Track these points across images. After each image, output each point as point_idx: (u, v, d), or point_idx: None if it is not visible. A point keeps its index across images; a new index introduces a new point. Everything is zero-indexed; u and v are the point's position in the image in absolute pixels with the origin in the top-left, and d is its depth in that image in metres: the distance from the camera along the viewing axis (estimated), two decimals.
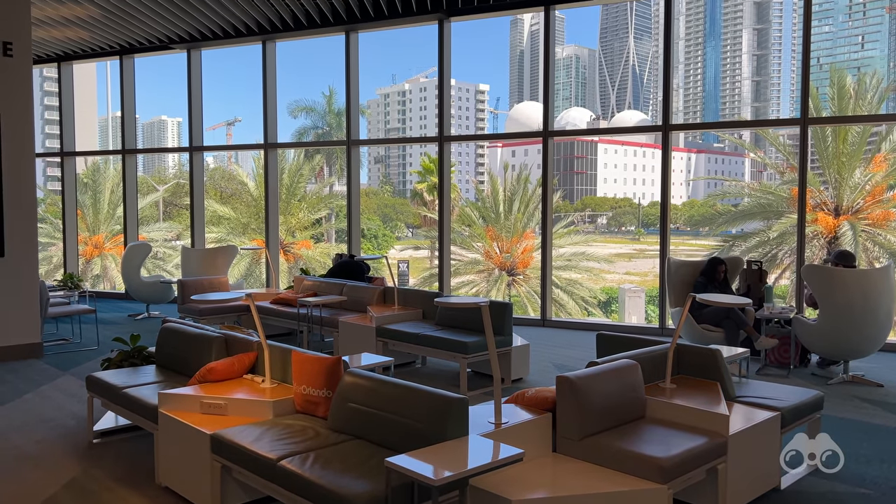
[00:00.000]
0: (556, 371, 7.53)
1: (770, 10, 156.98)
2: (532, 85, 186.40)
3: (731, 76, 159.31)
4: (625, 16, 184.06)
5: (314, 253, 25.73)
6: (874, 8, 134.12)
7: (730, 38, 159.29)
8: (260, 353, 4.81)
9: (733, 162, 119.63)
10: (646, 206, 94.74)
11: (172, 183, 39.31)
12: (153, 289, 11.14)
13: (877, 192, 20.13)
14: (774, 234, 19.69)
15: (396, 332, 7.25)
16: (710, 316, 7.58)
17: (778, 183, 21.57)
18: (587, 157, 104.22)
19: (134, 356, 5.85)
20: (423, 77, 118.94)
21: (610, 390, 4.01)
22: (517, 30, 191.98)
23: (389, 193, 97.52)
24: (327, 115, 42.75)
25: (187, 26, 11.41)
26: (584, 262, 24.14)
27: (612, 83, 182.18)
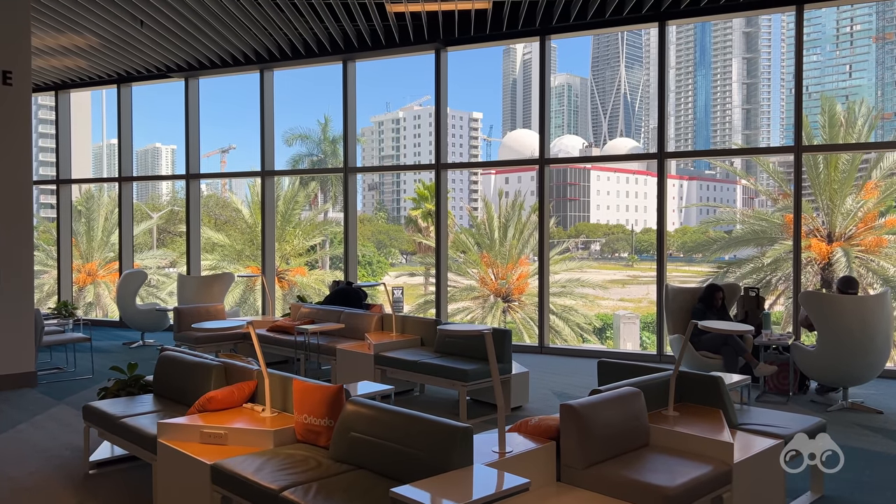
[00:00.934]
0: (556, 399, 7.50)
1: (759, 39, 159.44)
2: (525, 112, 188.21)
3: (721, 104, 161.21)
4: (616, 45, 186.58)
5: (309, 280, 25.68)
6: (861, 38, 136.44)
7: (720, 66, 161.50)
8: (260, 382, 4.78)
9: (725, 189, 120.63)
10: (639, 232, 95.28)
11: (166, 210, 39.34)
12: (148, 317, 11.08)
13: (868, 218, 20.30)
14: (769, 261, 19.77)
15: (395, 359, 7.21)
16: (709, 343, 7.58)
17: (772, 210, 21.70)
18: (580, 185, 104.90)
19: (131, 385, 5.80)
20: (416, 105, 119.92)
21: (614, 418, 3.99)
22: (510, 59, 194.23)
23: (383, 220, 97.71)
24: (322, 142, 42.96)
25: (185, 55, 11.50)
26: (578, 288, 24.16)
27: (604, 111, 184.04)
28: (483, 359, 6.90)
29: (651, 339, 46.03)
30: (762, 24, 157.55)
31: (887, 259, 19.43)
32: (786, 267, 19.72)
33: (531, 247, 24.56)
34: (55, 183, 13.76)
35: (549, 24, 9.76)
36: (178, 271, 27.85)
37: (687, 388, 4.76)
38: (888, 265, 19.20)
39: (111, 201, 28.81)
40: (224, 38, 10.68)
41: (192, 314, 9.21)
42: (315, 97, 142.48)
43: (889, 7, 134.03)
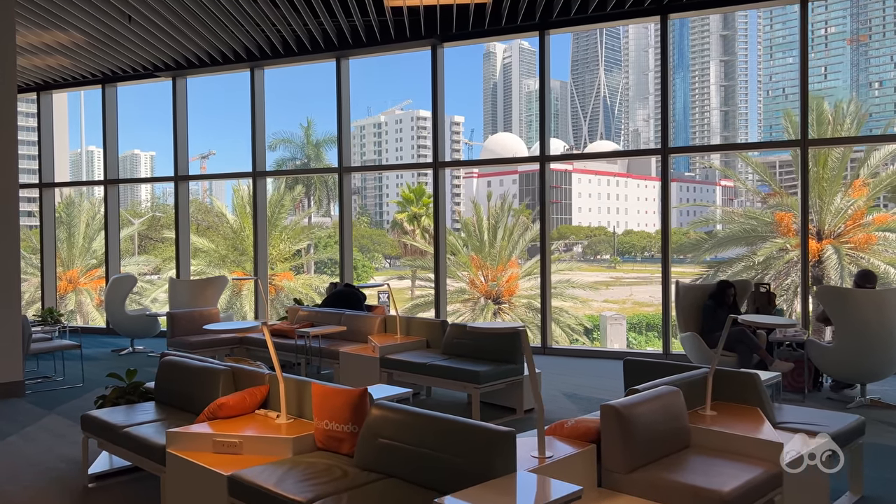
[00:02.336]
0: (567, 400, 7.29)
1: (736, 42, 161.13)
2: (506, 116, 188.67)
3: (700, 106, 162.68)
4: (595, 49, 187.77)
5: (296, 284, 25.31)
6: (835, 40, 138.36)
7: (698, 69, 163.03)
8: (273, 386, 4.52)
9: (705, 190, 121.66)
10: (620, 234, 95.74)
11: (148, 216, 38.70)
12: (138, 322, 10.72)
13: (857, 216, 20.36)
14: (761, 259, 19.74)
15: (402, 362, 6.97)
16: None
17: (763, 208, 21.70)
18: (561, 187, 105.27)
19: (130, 392, 5.50)
20: (398, 109, 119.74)
21: (655, 419, 3.78)
22: (490, 62, 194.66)
23: (366, 224, 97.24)
24: (306, 146, 42.58)
25: (173, 52, 11.17)
26: (569, 289, 24.01)
27: (584, 114, 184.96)
28: (493, 360, 6.68)
29: (637, 339, 46.11)
30: (739, 27, 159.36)
31: (877, 256, 19.48)
32: (778, 265, 19.71)
33: (521, 248, 24.41)
34: (38, 187, 13.35)
35: (550, 17, 9.58)
36: (161, 278, 27.37)
37: (722, 386, 4.56)
38: (878, 262, 19.24)
39: (92, 207, 28.27)
40: (214, 35, 10.38)
41: (186, 319, 8.90)
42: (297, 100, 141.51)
43: (862, 10, 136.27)
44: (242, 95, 11.78)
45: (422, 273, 25.57)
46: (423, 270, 24.94)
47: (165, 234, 32.28)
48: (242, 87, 11.69)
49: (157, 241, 37.93)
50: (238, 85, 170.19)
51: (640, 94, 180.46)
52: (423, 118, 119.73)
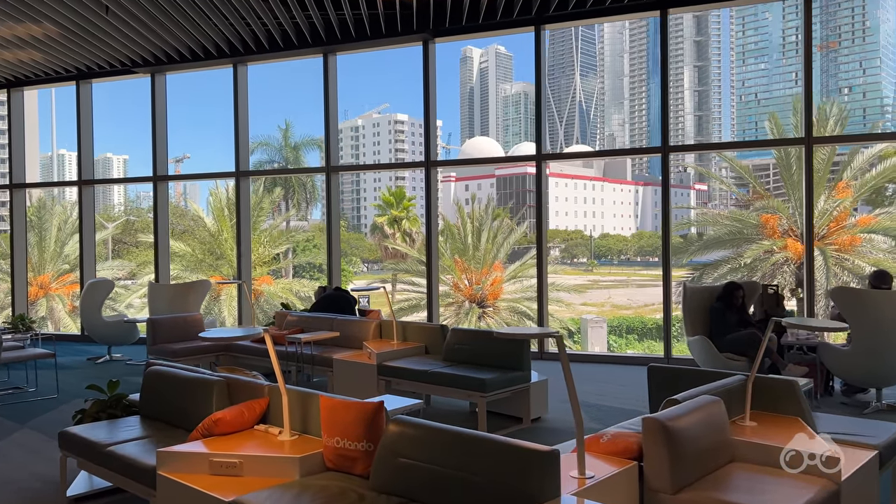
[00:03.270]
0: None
1: (709, 48, 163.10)
2: (482, 121, 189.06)
3: (674, 111, 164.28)
4: (571, 54, 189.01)
5: (276, 289, 24.78)
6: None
7: (672, 74, 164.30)
8: (273, 399, 4.12)
9: (680, 194, 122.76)
10: (597, 238, 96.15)
11: (122, 220, 37.84)
12: (116, 329, 10.21)
13: (840, 217, 20.38)
14: (748, 261, 19.65)
15: (401, 369, 6.59)
16: (733, 344, 7.14)
17: (752, 210, 21.65)
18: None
19: (112, 406, 5.07)
20: (375, 113, 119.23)
21: (699, 433, 3.46)
22: (467, 67, 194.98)
23: (343, 228, 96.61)
24: (283, 148, 41.97)
25: (152, 46, 10.70)
26: (553, 292, 23.77)
27: (560, 118, 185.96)
28: (498, 367, 6.34)
29: (618, 342, 46.09)
30: (712, 33, 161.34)
31: (862, 257, 19.49)
32: (765, 267, 19.63)
33: (505, 251, 24.12)
34: (8, 189, 12.77)
35: (546, 12, 9.28)
36: (136, 282, 26.68)
37: (757, 394, 4.26)
38: (863, 263, 19.24)
39: (64, 211, 27.49)
40: (196, 27, 9.94)
41: (168, 325, 8.44)
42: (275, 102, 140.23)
43: (832, 17, 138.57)
44: (215, 94, 11.42)
45: (403, 276, 25.17)
46: (405, 274, 24.56)
47: (140, 238, 31.55)
48: (215, 85, 11.30)
49: (132, 245, 37.12)
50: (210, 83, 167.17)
51: (616, 98, 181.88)
52: (400, 122, 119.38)
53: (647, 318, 50.35)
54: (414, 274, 23.65)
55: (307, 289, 26.01)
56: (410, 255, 31.79)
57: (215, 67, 11.39)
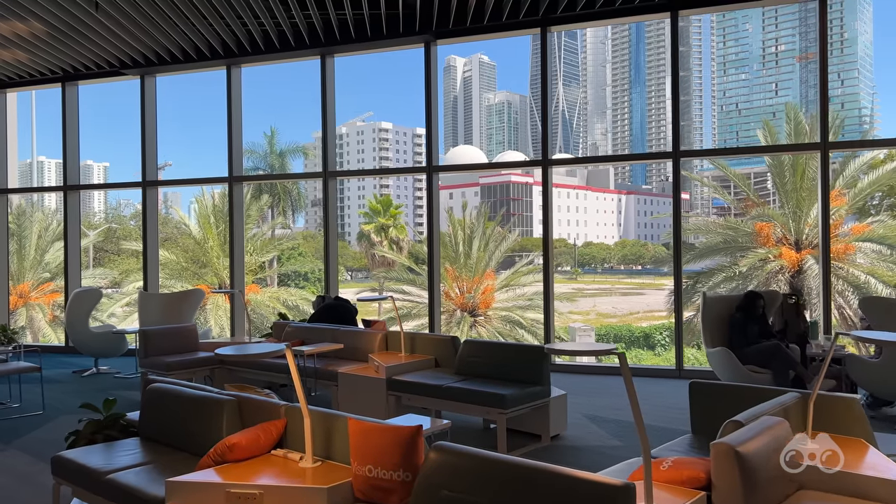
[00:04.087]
0: (591, 423, 6.64)
1: (690, 59, 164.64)
2: (466, 129, 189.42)
3: (656, 121, 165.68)
4: (553, 64, 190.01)
5: (263, 297, 24.27)
6: (785, 57, 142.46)
7: (654, 84, 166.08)
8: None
9: (661, 202, 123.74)
10: (580, 246, 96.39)
11: (103, 227, 37.09)
12: (104, 340, 9.75)
13: (833, 226, 20.32)
14: (744, 269, 19.50)
15: (412, 384, 6.24)
16: (756, 355, 6.87)
17: (747, 218, 21.53)
18: (522, 199, 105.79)
19: (109, 426, 4.68)
20: (359, 121, 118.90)
21: (769, 458, 3.15)
22: (450, 76, 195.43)
23: None
24: (269, 156, 41.50)
25: (143, 47, 10.30)
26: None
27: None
28: (515, 381, 6.01)
29: None
30: (693, 44, 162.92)
31: (857, 266, 19.41)
32: (760, 275, 19.48)
33: (497, 259, 23.82)
34: None
35: (553, 13, 9.01)
36: (119, 291, 26.05)
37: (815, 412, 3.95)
38: (858, 272, 19.16)
39: (45, 218, 26.82)
40: (189, 27, 9.57)
41: (160, 336, 8.02)
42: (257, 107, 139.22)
43: (811, 28, 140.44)
44: (197, 98, 10.99)
45: (393, 285, 24.77)
46: (396, 282, 24.16)
47: (123, 246, 30.88)
48: (195, 88, 10.89)
49: (113, 253, 36.39)
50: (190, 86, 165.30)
51: (598, 108, 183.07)
52: (384, 130, 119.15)
53: (635, 327, 50.27)
54: (404, 282, 23.27)
55: (295, 297, 25.54)
56: (400, 262, 31.39)
57: (208, 69, 11.00)
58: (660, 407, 7.28)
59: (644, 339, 48.03)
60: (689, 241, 63.37)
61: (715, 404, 4.30)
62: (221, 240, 24.60)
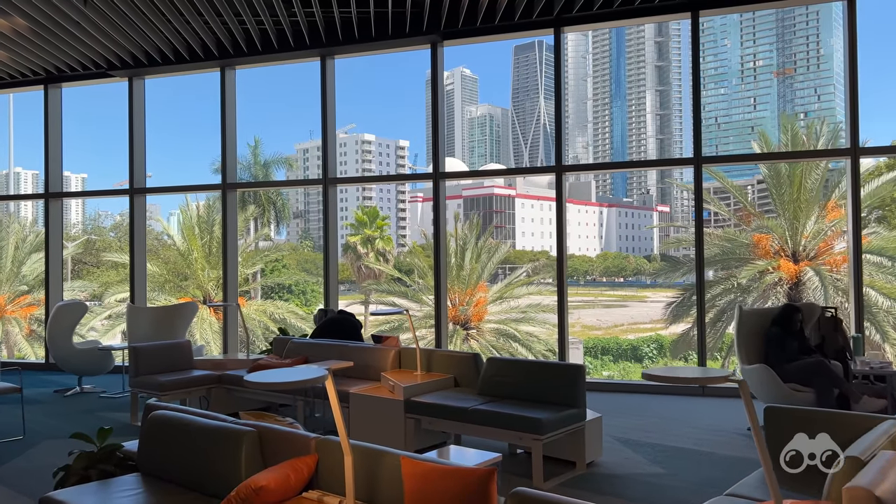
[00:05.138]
0: (625, 448, 6.14)
1: (670, 73, 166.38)
2: (448, 142, 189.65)
3: (636, 134, 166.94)
4: (535, 77, 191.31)
5: (249, 311, 23.58)
6: (763, 72, 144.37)
7: (634, 98, 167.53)
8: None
9: (642, 215, 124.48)
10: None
11: (82, 239, 36.16)
12: (89, 357, 9.11)
13: (830, 237, 20.13)
14: (743, 281, 19.19)
15: (434, 406, 5.71)
16: (798, 373, 6.43)
17: (748, 230, 21.28)
18: (505, 212, 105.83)
19: (104, 460, 4.11)
20: (342, 133, 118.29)
21: None
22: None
23: (310, 249, 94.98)
24: (253, 166, 40.80)
25: (133, 46, 9.75)
26: (540, 313, 23.06)
27: (525, 141, 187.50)
28: (546, 402, 5.53)
29: (594, 364, 45.59)
30: (673, 58, 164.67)
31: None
32: (760, 287, 19.19)
33: (490, 271, 23.36)
34: None
35: (569, 13, 8.60)
36: (100, 304, 25.24)
37: None
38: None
39: (21, 229, 25.99)
40: (183, 24, 9.04)
41: (153, 353, 7.43)
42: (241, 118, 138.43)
43: (787, 44, 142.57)
44: (175, 104, 10.42)
45: (380, 297, 24.23)
46: (385, 294, 23.61)
47: (105, 258, 30.05)
48: (173, 94, 10.32)
49: (92, 265, 35.48)
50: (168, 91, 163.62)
51: (580, 121, 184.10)
52: (367, 142, 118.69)
53: (622, 339, 50.02)
54: (395, 294, 22.73)
55: (282, 310, 24.88)
56: (388, 274, 30.84)
57: (201, 70, 10.46)
58: (699, 428, 6.82)
59: (632, 352, 47.80)
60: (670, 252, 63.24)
61: (792, 430, 3.83)
62: (206, 251, 23.92)
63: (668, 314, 21.41)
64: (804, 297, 19.27)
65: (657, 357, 48.70)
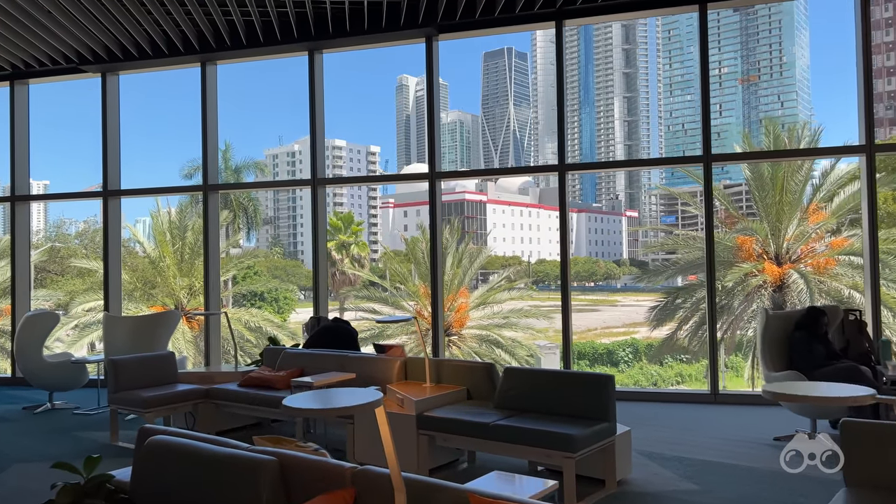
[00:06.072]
0: (652, 463, 5.74)
1: (637, 80, 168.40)
2: (419, 148, 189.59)
3: (605, 141, 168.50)
4: (505, 84, 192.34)
5: (223, 319, 22.81)
6: (728, 79, 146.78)
7: (602, 105, 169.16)
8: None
9: (611, 220, 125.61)
10: (534, 263, 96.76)
11: (46, 247, 34.91)
12: (61, 371, 8.45)
13: (812, 240, 20.13)
14: (729, 284, 19.06)
15: (450, 421, 5.24)
16: (829, 379, 6.08)
17: (732, 232, 21.19)
18: (477, 217, 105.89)
19: (92, 494, 3.56)
20: None
21: None
22: (403, 95, 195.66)
23: (280, 255, 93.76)
24: (224, 171, 39.92)
25: (107, 37, 9.15)
26: (522, 318, 22.71)
27: (495, 147, 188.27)
28: (572, 416, 5.12)
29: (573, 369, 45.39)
30: (640, 66, 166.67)
31: (838, 280, 19.17)
32: (745, 290, 19.07)
33: (471, 276, 22.96)
34: None
35: (572, 4, 8.24)
36: (67, 314, 24.27)
37: None
38: (841, 286, 18.91)
39: None
40: (163, 15, 8.48)
41: (134, 367, 6.84)
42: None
43: (752, 52, 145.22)
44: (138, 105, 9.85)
45: (360, 303, 23.66)
46: (366, 301, 23.05)
47: (72, 264, 29.02)
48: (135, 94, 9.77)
49: (57, 273, 34.30)
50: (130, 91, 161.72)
51: (549, 128, 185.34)
52: (338, 147, 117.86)
53: (598, 344, 49.95)
54: (375, 301, 22.19)
55: (256, 318, 24.18)
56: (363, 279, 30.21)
57: (180, 65, 9.88)
58: (722, 439, 6.45)
59: (608, 356, 47.78)
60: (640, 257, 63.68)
61: (868, 445, 3.47)
62: (178, 258, 23.14)
63: (652, 318, 21.22)
64: (789, 299, 19.21)
65: (633, 361, 48.73)
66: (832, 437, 6.23)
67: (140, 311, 22.06)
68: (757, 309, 19.61)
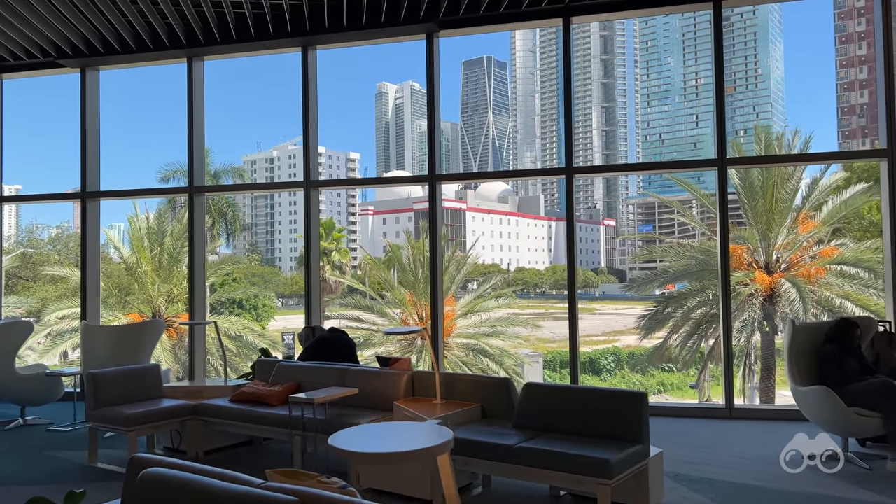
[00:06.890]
0: (680, 485, 5.34)
1: (615, 90, 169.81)
2: (398, 155, 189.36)
3: (583, 150, 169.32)
4: (484, 93, 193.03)
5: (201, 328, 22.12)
6: (705, 90, 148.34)
7: (581, 115, 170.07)
8: None
9: (589, 229, 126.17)
10: (513, 271, 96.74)
11: (18, 252, 33.87)
12: (35, 384, 7.86)
13: (802, 249, 19.99)
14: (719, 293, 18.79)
15: (469, 443, 4.78)
16: (863, 396, 5.73)
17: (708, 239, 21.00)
18: (456, 225, 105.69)
19: None
20: (291, 144, 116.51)
21: None
22: (382, 102, 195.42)
23: (257, 262, 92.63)
24: (203, 175, 39.16)
25: (88, 30, 8.63)
26: (510, 327, 22.32)
27: (474, 155, 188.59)
28: (602, 437, 4.70)
29: (553, 377, 45.10)
30: (618, 76, 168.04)
31: (829, 289, 19.02)
32: (736, 299, 18.83)
33: (458, 284, 22.52)
34: None
35: (581, 0, 7.87)
36: (40, 322, 23.42)
37: None
38: (832, 295, 18.76)
39: None
40: (149, 7, 7.98)
41: (116, 381, 6.31)
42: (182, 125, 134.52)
43: (728, 64, 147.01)
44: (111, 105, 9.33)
45: (343, 311, 23.09)
46: (348, 308, 22.47)
47: (41, 272, 28.13)
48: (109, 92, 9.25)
49: (28, 280, 33.28)
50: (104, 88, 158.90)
51: (528, 136, 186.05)
52: (317, 154, 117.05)
53: (581, 352, 49.77)
54: (361, 308, 21.64)
55: (237, 326, 23.53)
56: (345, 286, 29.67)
57: (165, 61, 9.37)
58: (745, 458, 6.05)
59: (590, 365, 47.56)
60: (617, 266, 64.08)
61: None
62: (156, 264, 22.44)
63: (642, 326, 20.92)
64: (780, 309, 19.03)
65: (615, 370, 48.57)
66: (859, 455, 5.92)
67: (116, 319, 21.30)
68: (748, 318, 19.43)
